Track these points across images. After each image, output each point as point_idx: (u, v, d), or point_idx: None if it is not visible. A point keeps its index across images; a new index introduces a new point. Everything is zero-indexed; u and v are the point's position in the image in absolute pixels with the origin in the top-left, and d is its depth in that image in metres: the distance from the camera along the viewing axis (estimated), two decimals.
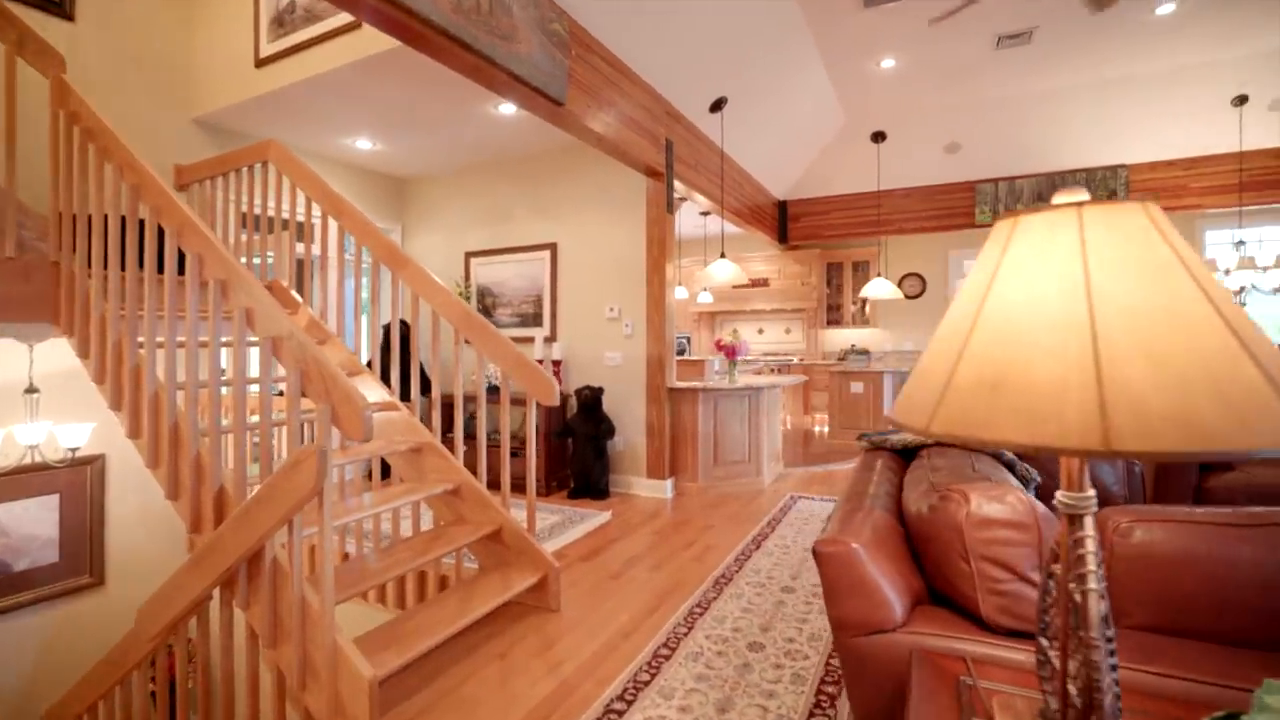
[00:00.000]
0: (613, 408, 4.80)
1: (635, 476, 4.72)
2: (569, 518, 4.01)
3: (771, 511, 4.11)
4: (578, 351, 5.00)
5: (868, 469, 1.92)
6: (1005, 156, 6.67)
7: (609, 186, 4.86)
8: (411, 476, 2.81)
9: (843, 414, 6.55)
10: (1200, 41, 4.98)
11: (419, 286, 2.86)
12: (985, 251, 0.74)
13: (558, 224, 5.11)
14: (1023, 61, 5.22)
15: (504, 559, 2.67)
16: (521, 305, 5.28)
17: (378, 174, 5.65)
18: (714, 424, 4.70)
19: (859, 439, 2.26)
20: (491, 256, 5.42)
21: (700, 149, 5.23)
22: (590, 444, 4.52)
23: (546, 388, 2.61)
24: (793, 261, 8.83)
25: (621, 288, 4.80)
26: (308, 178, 3.14)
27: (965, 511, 1.12)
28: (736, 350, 5.04)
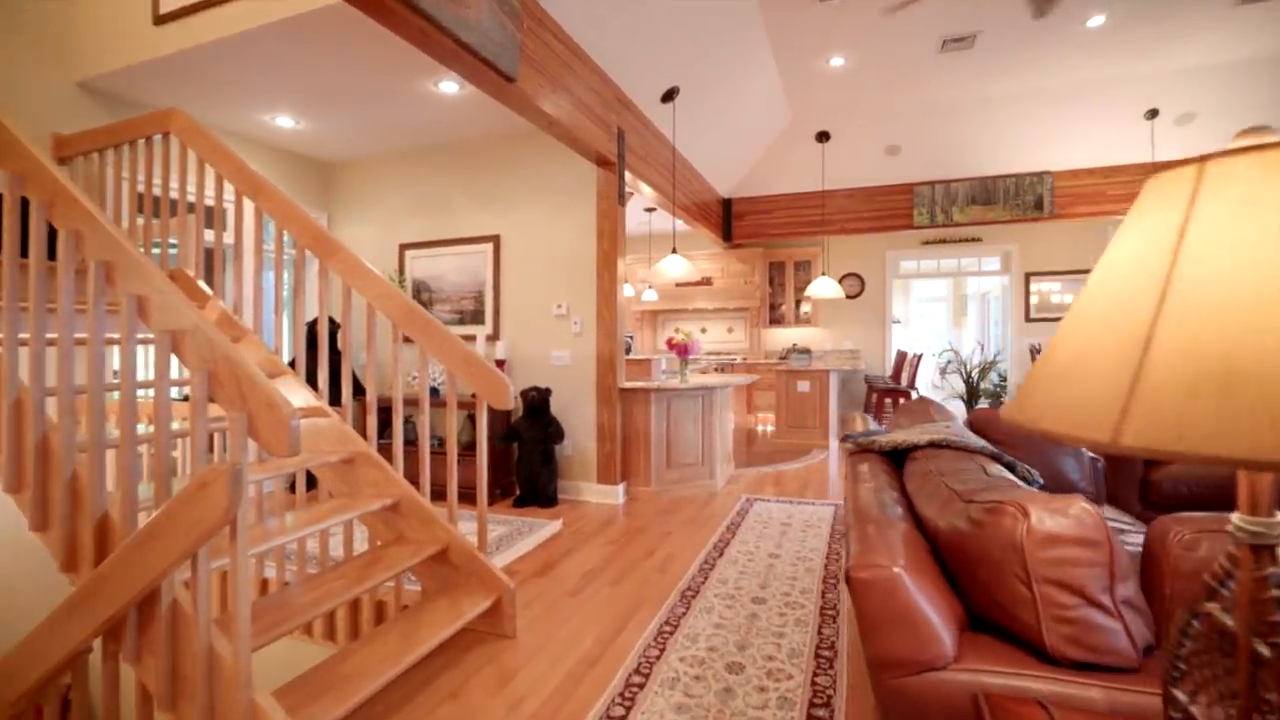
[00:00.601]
0: (561, 410, 4.55)
1: (585, 482, 4.49)
2: (517, 529, 3.74)
3: (729, 515, 3.98)
4: (523, 351, 4.72)
5: (861, 475, 1.77)
6: (942, 160, 6.85)
7: (556, 176, 4.61)
8: (343, 491, 2.49)
9: (789, 413, 6.54)
10: (1119, 56, 5.22)
11: (351, 276, 2.53)
12: (1146, 210, 0.57)
13: (501, 215, 4.81)
14: (964, 67, 5.33)
15: (452, 581, 2.39)
16: (461, 301, 4.95)
17: (301, 157, 5.17)
18: (667, 425, 4.53)
19: (843, 441, 2.13)
20: (429, 249, 5.05)
21: (651, 140, 5.05)
22: (538, 449, 4.26)
23: (499, 388, 2.35)
24: (736, 260, 8.80)
25: (570, 283, 4.56)
26: (218, 152, 2.75)
27: (1025, 527, 0.97)
28: (688, 349, 4.89)
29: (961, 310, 12.67)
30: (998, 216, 6.90)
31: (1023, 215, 6.83)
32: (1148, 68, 5.47)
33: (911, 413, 2.73)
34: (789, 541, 3.42)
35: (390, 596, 2.49)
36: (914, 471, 1.68)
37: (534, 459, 4.25)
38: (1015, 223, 6.95)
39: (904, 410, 2.80)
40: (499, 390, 2.33)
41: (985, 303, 11.58)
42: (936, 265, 8.60)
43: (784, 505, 4.20)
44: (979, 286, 11.67)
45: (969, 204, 6.98)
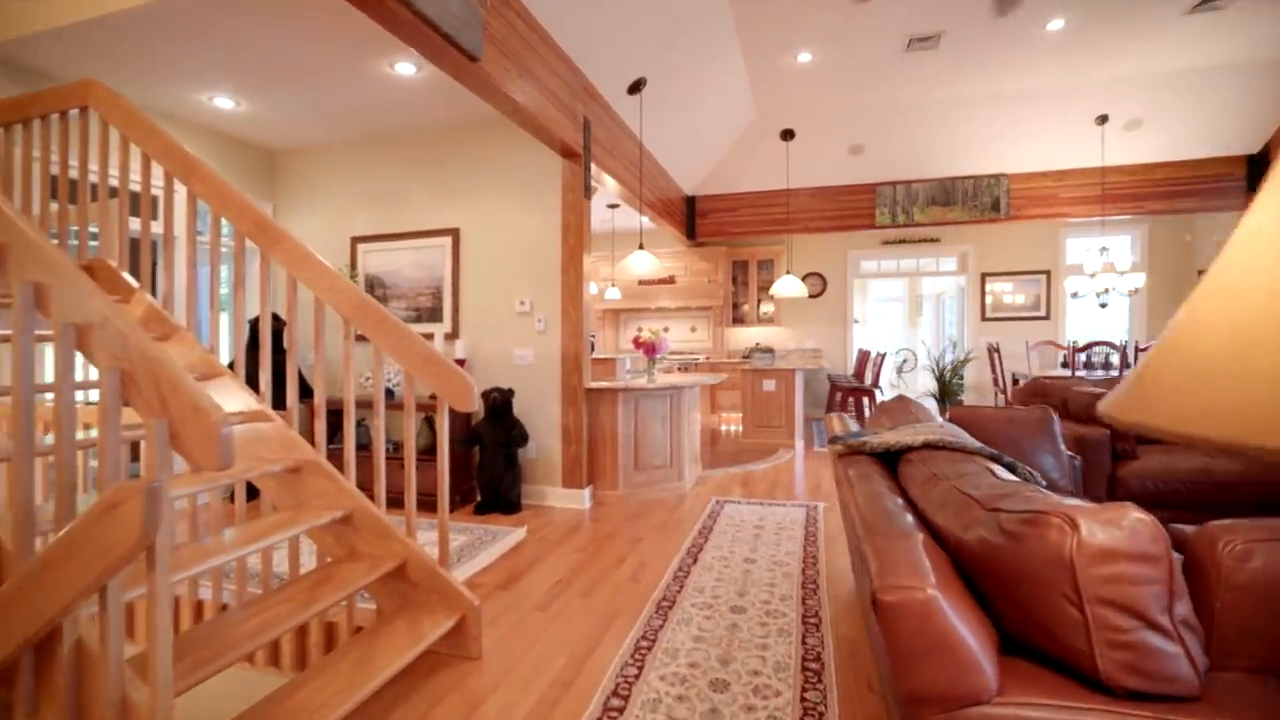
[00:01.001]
0: (524, 411, 4.36)
1: (550, 486, 4.31)
2: (479, 537, 3.54)
3: (700, 519, 3.86)
4: (484, 349, 4.50)
5: (855, 479, 1.67)
6: (903, 161, 6.91)
7: (520, 168, 4.42)
8: (288, 503, 2.26)
9: (755, 412, 6.49)
10: (1074, 61, 5.32)
11: (297, 268, 2.31)
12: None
13: (461, 208, 4.59)
14: (927, 67, 5.35)
15: (410, 600, 2.19)
16: (418, 298, 4.70)
17: (243, 142, 4.83)
18: (634, 426, 4.39)
19: (831, 442, 2.02)
20: (383, 243, 4.79)
21: (617, 133, 4.90)
22: (500, 452, 4.06)
23: (463, 389, 2.17)
24: (699, 259, 8.73)
25: (533, 279, 4.38)
26: (144, 128, 2.48)
27: (1075, 541, 0.87)
28: (656, 348, 4.76)
29: (917, 310, 12.93)
30: (957, 217, 7.01)
31: (980, 216, 6.95)
32: (1100, 74, 5.61)
33: (892, 412, 2.66)
34: (763, 546, 3.32)
35: (342, 617, 2.28)
36: (913, 475, 1.58)
37: (496, 463, 4.05)
38: (973, 223, 7.07)
39: (884, 410, 2.73)
40: (462, 391, 2.15)
41: (940, 303, 11.84)
42: (896, 265, 8.71)
43: (755, 507, 4.11)
44: (934, 287, 11.92)
45: (929, 204, 7.07)
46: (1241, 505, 3.12)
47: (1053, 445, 2.61)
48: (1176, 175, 6.61)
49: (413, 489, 2.27)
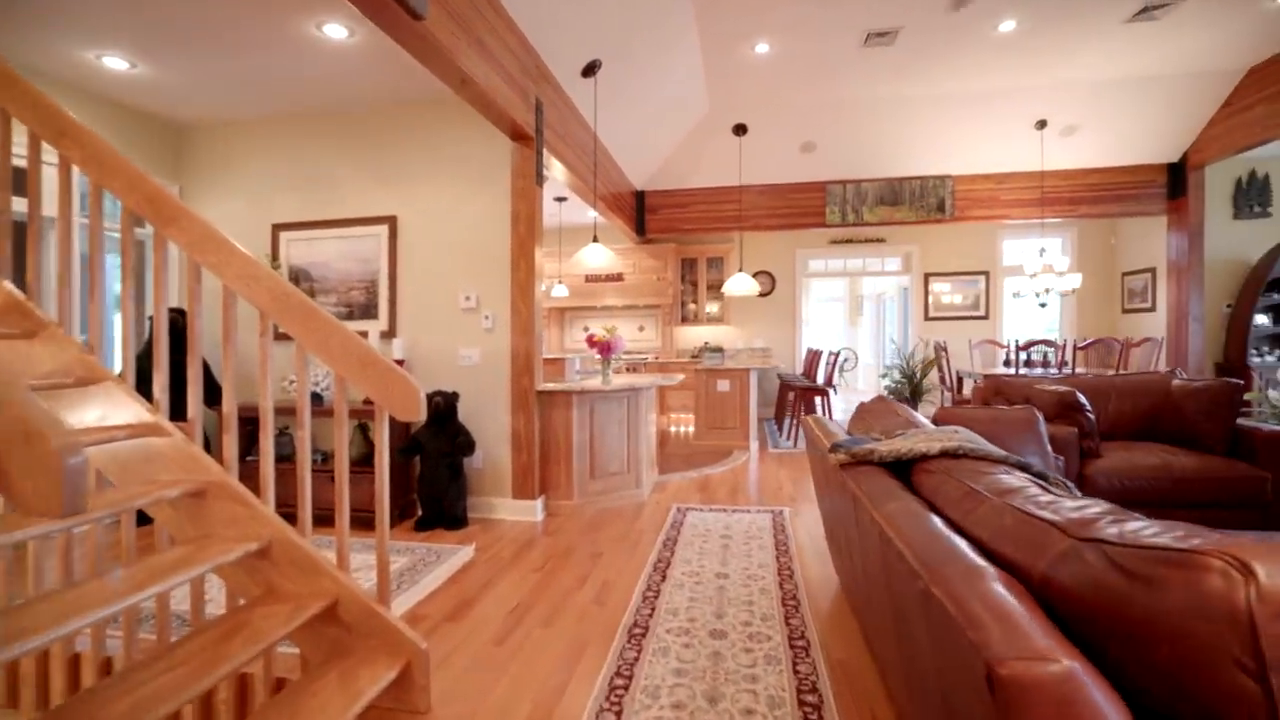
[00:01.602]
0: (469, 416, 4.01)
1: (499, 498, 3.98)
2: (421, 558, 3.18)
3: (664, 529, 3.63)
4: (425, 349, 4.12)
5: (872, 495, 1.46)
6: (854, 160, 6.90)
7: (465, 151, 4.06)
8: (190, 533, 1.88)
9: (709, 413, 6.32)
10: (1019, 64, 5.40)
11: (200, 250, 1.92)
12: None
13: (399, 193, 4.18)
14: (882, 64, 5.31)
15: (344, 646, 1.85)
16: (350, 293, 4.26)
17: (140, 112, 4.25)
18: (590, 431, 4.11)
19: (831, 451, 1.82)
20: (309, 231, 4.32)
21: (570, 120, 4.61)
22: (443, 462, 3.70)
23: (406, 395, 1.84)
24: (648, 256, 8.52)
25: (480, 272, 4.03)
26: (3, 79, 2.03)
27: (1251, 591, 0.67)
28: (611, 347, 4.50)
29: (857, 310, 13.18)
30: (904, 217, 7.06)
31: (927, 217, 7.03)
32: (1042, 79, 5.72)
33: (876, 414, 2.49)
34: (734, 557, 3.12)
35: (258, 668, 1.91)
36: (941, 490, 1.38)
37: (440, 474, 3.69)
38: (918, 224, 7.15)
39: (867, 412, 2.57)
40: (406, 398, 1.83)
41: (881, 303, 12.09)
42: (844, 265, 8.77)
43: (719, 514, 3.91)
44: (874, 287, 12.16)
45: (878, 204, 7.10)
46: (1198, 500, 3.14)
47: (1039, 445, 2.51)
48: (1106, 181, 6.87)
49: (345, 511, 1.92)
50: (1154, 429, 3.69)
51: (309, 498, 1.94)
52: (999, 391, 3.92)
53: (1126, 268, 7.85)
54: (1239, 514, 3.11)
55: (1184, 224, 6.65)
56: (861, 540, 1.50)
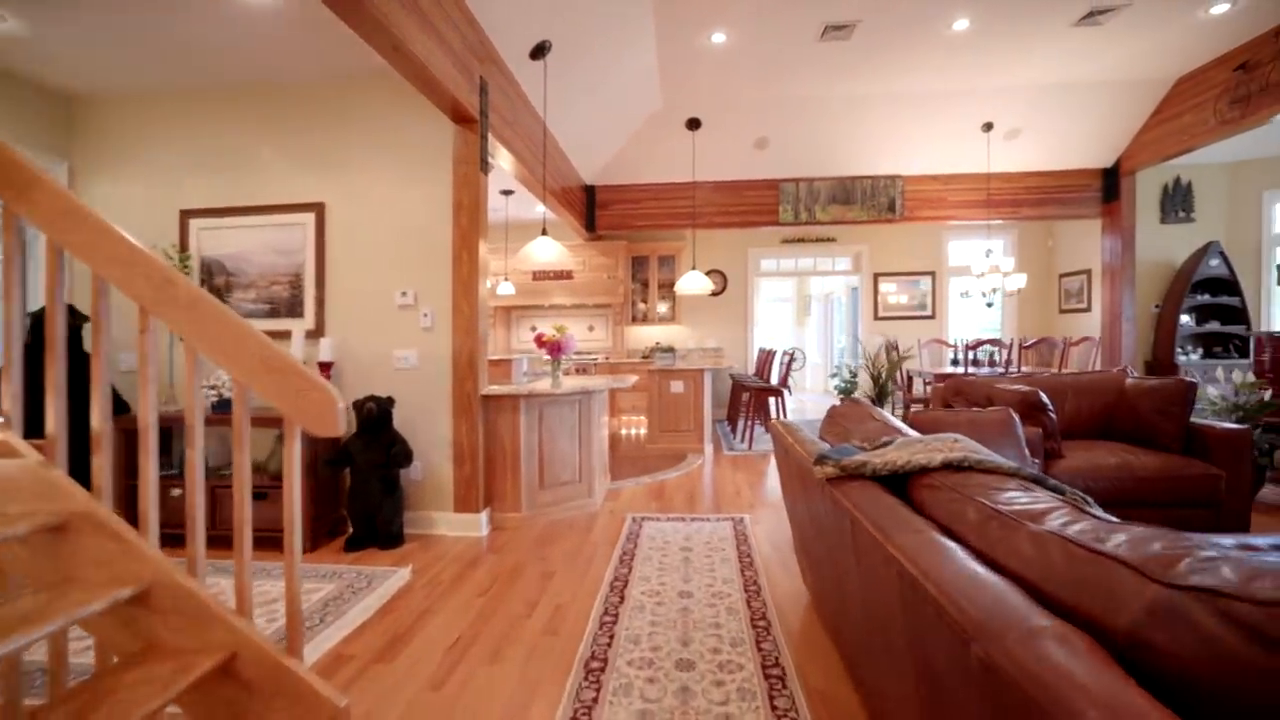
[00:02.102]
0: (407, 423, 3.67)
1: (439, 512, 3.65)
2: (350, 583, 2.84)
3: (619, 543, 3.39)
4: (356, 350, 3.75)
5: (875, 518, 1.26)
6: (807, 157, 6.84)
7: (402, 134, 3.72)
8: (48, 577, 1.53)
9: (663, 416, 6.12)
10: (969, 65, 5.43)
11: (59, 228, 1.57)
12: None
13: (327, 178, 3.80)
14: (838, 60, 5.23)
15: (242, 709, 1.53)
16: (272, 287, 3.85)
17: (17, 76, 3.72)
18: (539, 438, 3.84)
19: (818, 463, 1.62)
20: (224, 219, 3.88)
21: (518, 106, 4.32)
22: (376, 475, 3.36)
23: (322, 407, 1.54)
24: (598, 253, 8.26)
25: (418, 266, 3.70)
26: None
27: None
28: (562, 347, 4.23)
29: (805, 310, 13.28)
30: (856, 216, 7.05)
31: (878, 216, 7.04)
32: (990, 81, 5.78)
33: (849, 418, 2.33)
34: (696, 573, 2.91)
35: None
36: (954, 511, 1.20)
37: (372, 489, 3.34)
38: (870, 223, 7.15)
39: (841, 416, 2.41)
40: (321, 409, 1.53)
41: (829, 303, 12.20)
42: (795, 264, 8.74)
43: (677, 524, 3.70)
44: (822, 287, 12.27)
45: (830, 203, 7.06)
46: (1159, 500, 3.13)
47: (1018, 448, 2.40)
48: (1046, 184, 7.04)
49: (246, 544, 1.60)
50: (1109, 428, 3.69)
51: (201, 531, 1.61)
52: (959, 392, 3.86)
53: (1063, 269, 8.10)
54: (1196, 513, 3.11)
55: (1117, 227, 6.88)
56: (863, 570, 1.30)
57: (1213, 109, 5.59)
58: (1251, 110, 5.22)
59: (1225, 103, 5.47)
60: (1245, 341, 6.71)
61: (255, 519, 3.26)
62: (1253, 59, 5.19)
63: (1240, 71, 5.31)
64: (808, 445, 2.01)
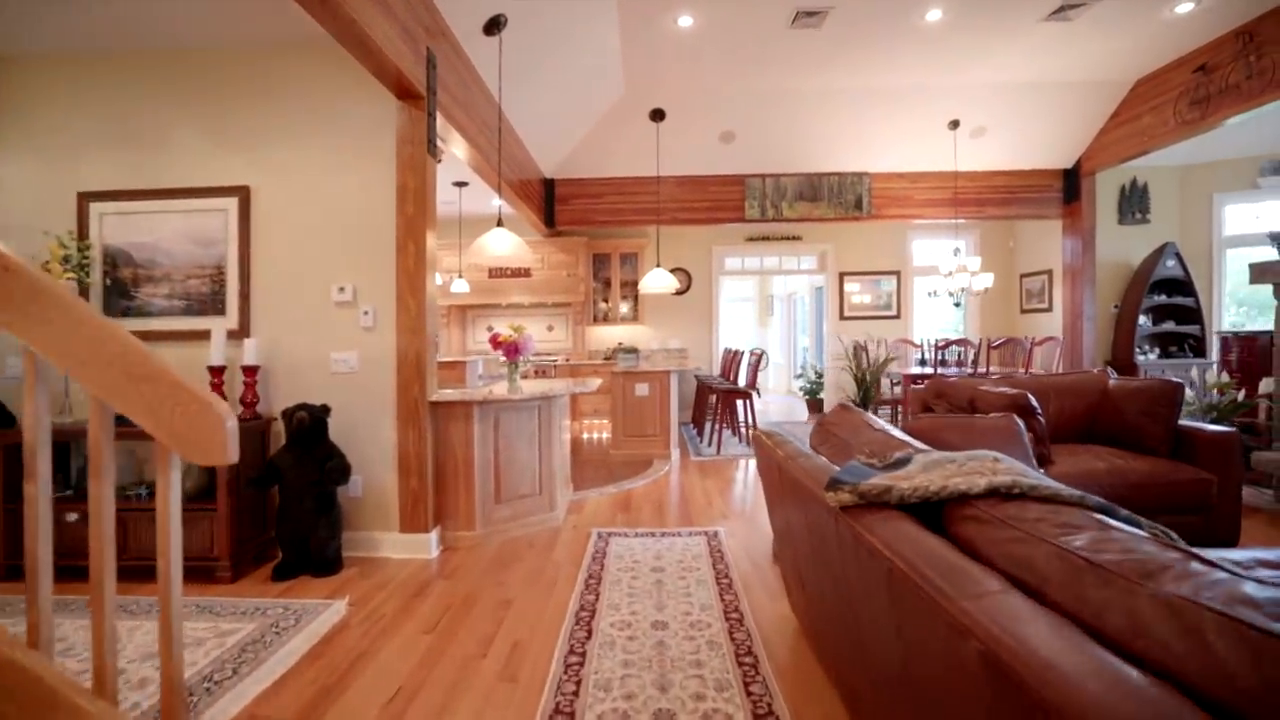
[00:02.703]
0: (345, 434, 3.28)
1: (383, 532, 3.28)
2: (275, 621, 2.46)
3: (584, 562, 3.09)
4: (287, 352, 3.35)
5: (919, 564, 1.00)
6: (774, 152, 6.65)
7: (339, 110, 3.33)
8: None
9: (627, 420, 5.83)
10: (939, 61, 5.32)
11: None
12: None
13: (253, 159, 3.38)
14: (807, 50, 5.04)
15: None
16: (188, 281, 3.41)
17: None
18: (495, 448, 3.50)
19: (831, 489, 1.35)
20: (133, 203, 3.41)
21: (472, 88, 3.97)
22: (310, 493, 2.97)
23: (206, 427, 1.19)
24: (557, 250, 7.93)
25: (358, 258, 3.32)
26: None
27: None
28: (520, 348, 3.90)
29: (767, 310, 13.19)
30: (824, 214, 6.91)
31: (845, 214, 6.91)
32: (957, 79, 5.69)
33: (846, 428, 2.09)
34: (670, 598, 2.63)
35: None
36: (1022, 556, 0.95)
37: (304, 508, 2.95)
38: (837, 221, 7.01)
39: (832, 425, 2.16)
40: (205, 430, 1.18)
41: (792, 303, 12.12)
42: (760, 263, 8.56)
43: (646, 540, 3.41)
44: (786, 287, 12.18)
45: (797, 200, 6.90)
46: (1149, 506, 3.00)
47: (1025, 458, 2.20)
48: (1009, 183, 7.03)
49: (107, 600, 1.24)
50: (1092, 430, 3.58)
51: (46, 587, 1.24)
52: (940, 394, 3.69)
53: (1024, 269, 8.14)
54: (1186, 519, 3.00)
55: (1078, 228, 6.92)
56: (908, 633, 1.03)
57: (1172, 110, 5.61)
58: (1211, 111, 5.25)
59: (1185, 104, 5.50)
60: (1200, 341, 6.82)
61: None
62: (1212, 61, 5.21)
63: (1200, 73, 5.33)
64: (803, 462, 1.75)
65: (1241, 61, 4.99)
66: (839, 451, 1.99)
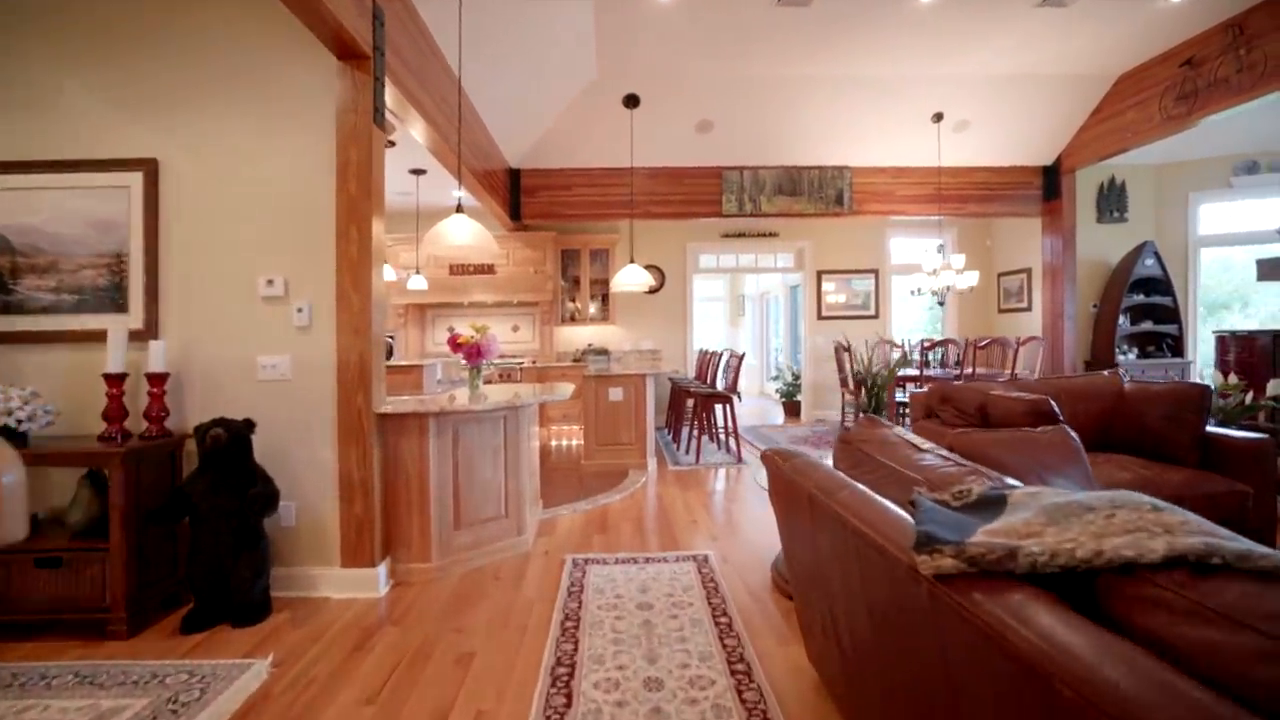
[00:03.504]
0: (276, 453, 2.79)
1: (321, 567, 2.80)
2: (175, 692, 1.97)
3: (559, 599, 2.66)
4: (204, 357, 2.83)
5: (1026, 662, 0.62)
6: (752, 144, 6.33)
7: (267, 71, 2.83)
8: None
9: (600, 427, 5.41)
10: (926, 48, 5.06)
11: None
12: None
13: (161, 128, 2.85)
14: (791, 35, 4.72)
15: None
16: (81, 273, 2.86)
17: None
18: (454, 465, 3.05)
19: (923, 549, 0.96)
20: (9, 177, 2.85)
21: (426, 53, 3.51)
22: (227, 526, 2.47)
23: None
24: (523, 245, 7.46)
25: (290, 245, 2.83)
26: None
27: None
28: (482, 351, 3.46)
29: (739, 310, 12.91)
30: (803, 209, 6.62)
31: (826, 209, 6.63)
32: (941, 70, 5.45)
33: (873, 443, 1.72)
34: (663, 645, 2.23)
35: None
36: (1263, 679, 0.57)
37: (221, 544, 2.46)
38: (817, 216, 6.73)
39: (861, 443, 1.80)
40: None
41: (764, 303, 11.86)
42: (735, 260, 8.24)
43: (628, 568, 3.01)
44: (758, 286, 11.92)
45: (776, 194, 6.59)
46: None
47: (1084, 479, 1.87)
48: (991, 180, 6.86)
49: None
50: (1108, 437, 3.31)
51: None
52: (946, 400, 3.38)
53: (1001, 268, 8.02)
54: None
55: (1059, 226, 6.79)
56: None
57: (1158, 106, 5.47)
58: (1199, 107, 5.11)
59: (1171, 99, 5.36)
60: (1178, 340, 6.76)
61: (49, 595, 2.33)
62: (1199, 55, 5.07)
63: (1186, 67, 5.19)
64: (850, 498, 1.37)
65: (1231, 55, 4.84)
66: (874, 475, 1.63)
